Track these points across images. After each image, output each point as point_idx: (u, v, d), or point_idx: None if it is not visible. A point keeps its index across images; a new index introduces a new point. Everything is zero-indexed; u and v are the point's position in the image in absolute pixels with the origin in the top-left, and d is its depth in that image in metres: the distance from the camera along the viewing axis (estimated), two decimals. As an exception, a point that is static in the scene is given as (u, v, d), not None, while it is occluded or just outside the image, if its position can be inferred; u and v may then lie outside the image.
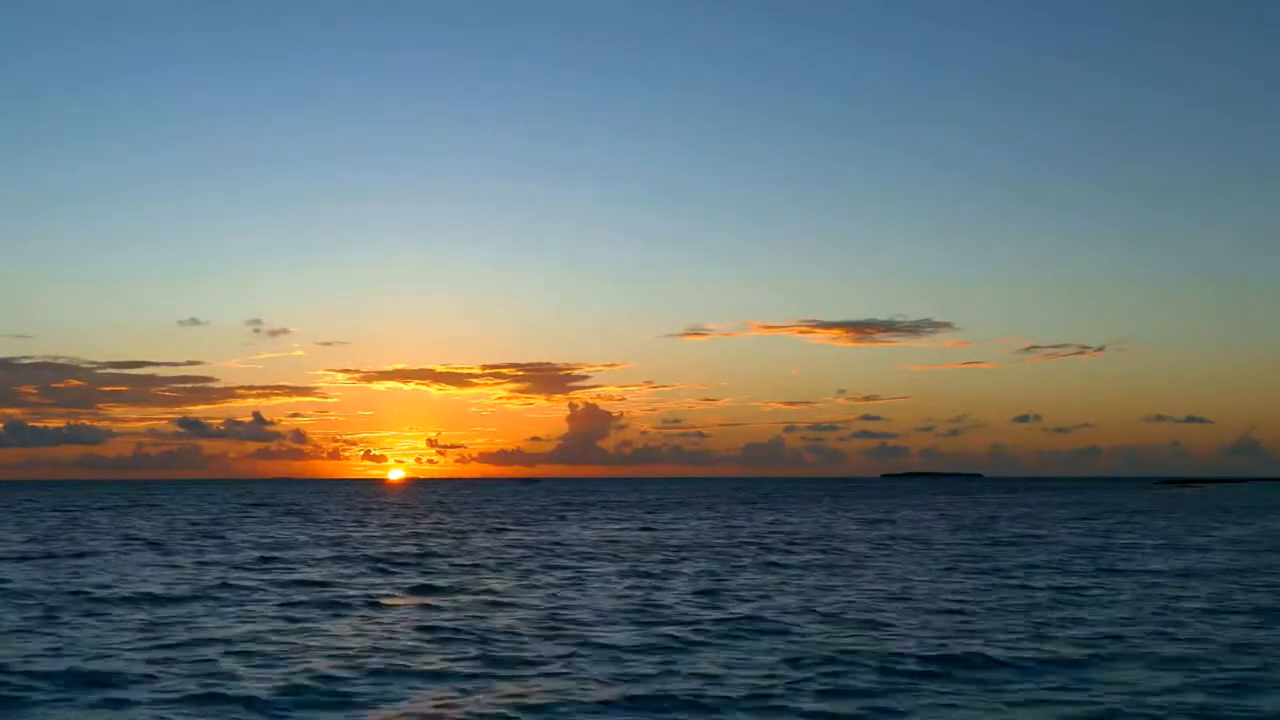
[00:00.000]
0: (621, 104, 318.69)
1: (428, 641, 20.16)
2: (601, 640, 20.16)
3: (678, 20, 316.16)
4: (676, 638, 20.42)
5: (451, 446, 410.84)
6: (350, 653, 18.90)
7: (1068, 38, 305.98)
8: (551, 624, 22.26)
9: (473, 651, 19.04)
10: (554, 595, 27.39)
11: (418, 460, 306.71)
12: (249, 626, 22.06)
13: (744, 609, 24.53)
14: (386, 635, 20.93)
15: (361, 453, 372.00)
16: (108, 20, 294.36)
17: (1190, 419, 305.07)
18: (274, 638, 20.65)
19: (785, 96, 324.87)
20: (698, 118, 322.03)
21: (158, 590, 28.21)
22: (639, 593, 27.92)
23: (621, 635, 20.78)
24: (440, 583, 30.34)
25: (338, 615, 23.75)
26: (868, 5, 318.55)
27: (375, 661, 18.10)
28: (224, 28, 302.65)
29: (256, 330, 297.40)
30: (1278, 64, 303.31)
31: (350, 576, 32.32)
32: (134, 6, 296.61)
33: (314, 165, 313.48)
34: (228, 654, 18.87)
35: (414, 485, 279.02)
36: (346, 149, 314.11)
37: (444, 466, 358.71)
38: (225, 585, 29.56)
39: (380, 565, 36.06)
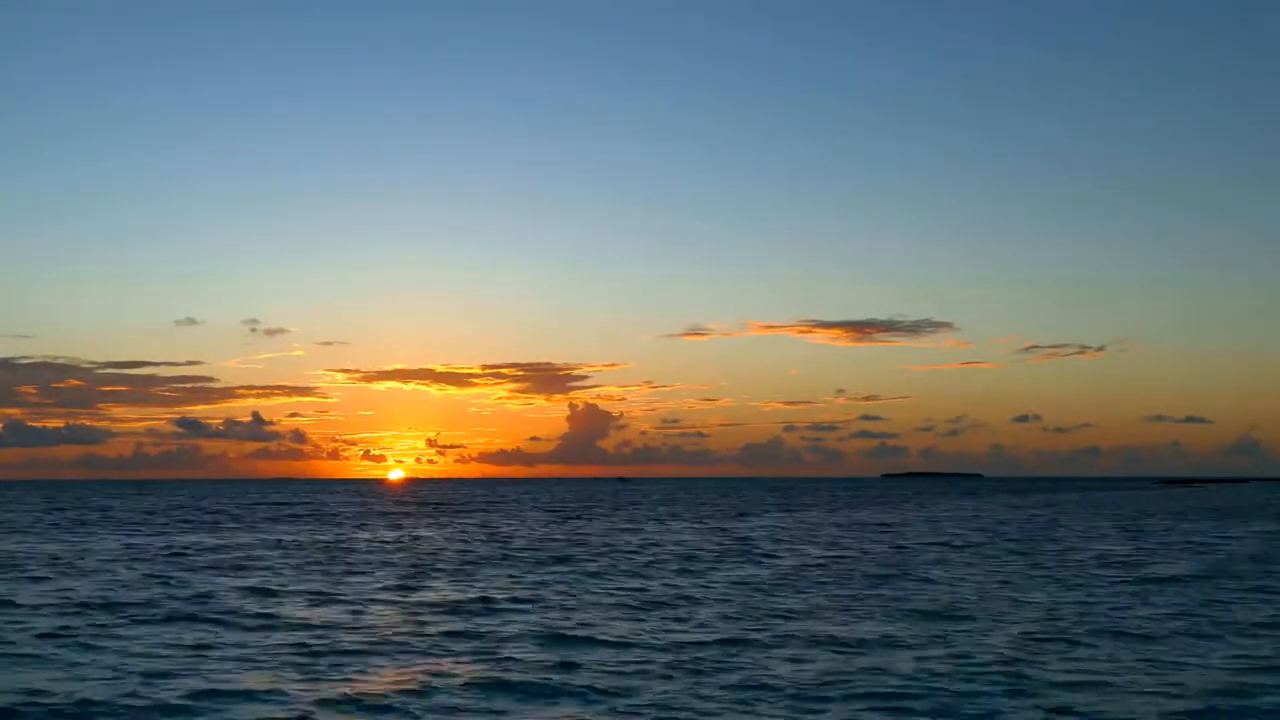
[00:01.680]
0: (621, 104, 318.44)
1: None
2: None
3: (678, 20, 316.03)
4: None
5: (451, 446, 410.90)
6: None
7: (1068, 38, 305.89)
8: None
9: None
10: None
11: (417, 460, 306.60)
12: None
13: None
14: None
15: (361, 453, 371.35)
16: (106, 21, 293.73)
17: (1190, 419, 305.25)
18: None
19: (785, 96, 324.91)
20: (698, 118, 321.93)
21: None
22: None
23: None
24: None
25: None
26: (868, 5, 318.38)
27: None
28: (221, 28, 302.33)
29: (253, 330, 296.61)
30: (1278, 64, 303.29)
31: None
32: (133, 8, 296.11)
33: (313, 165, 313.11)
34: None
35: (419, 485, 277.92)
36: (346, 149, 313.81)
37: (443, 466, 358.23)
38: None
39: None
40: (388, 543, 47.72)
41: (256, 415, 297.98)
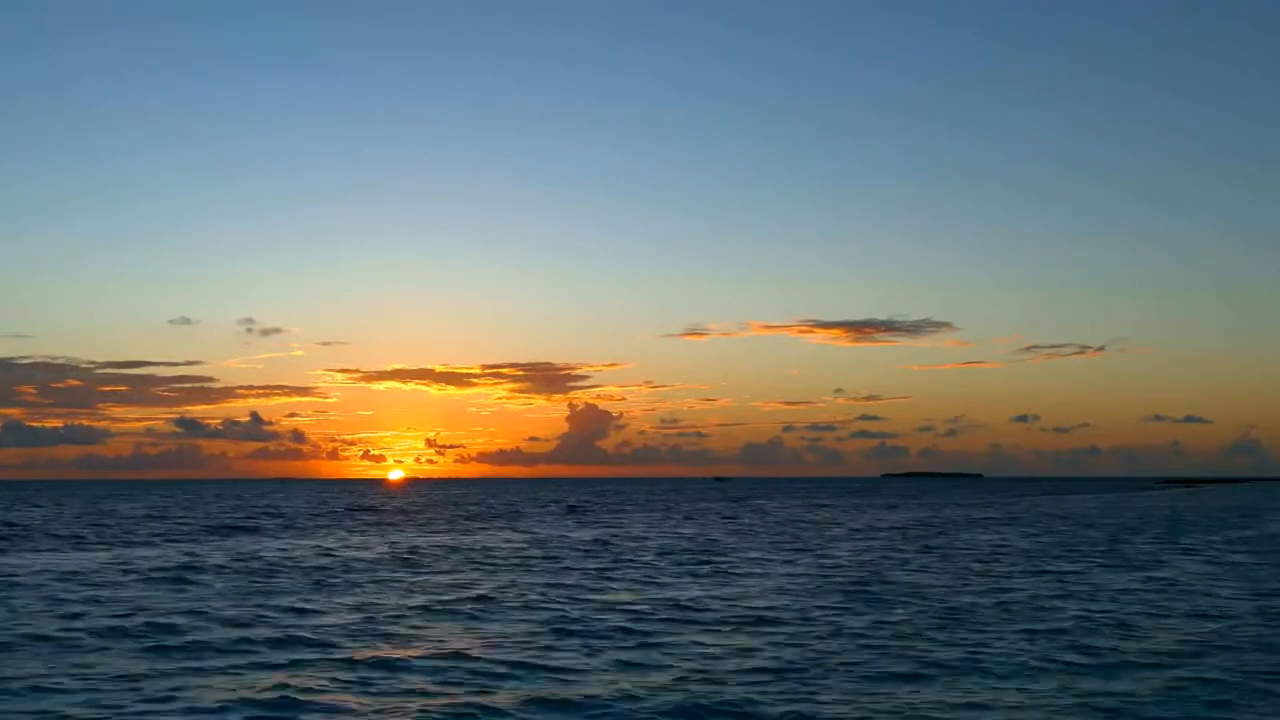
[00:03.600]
0: (622, 104, 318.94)
1: None
2: None
3: (678, 20, 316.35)
4: None
5: (450, 446, 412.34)
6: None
7: (1066, 37, 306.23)
8: None
9: None
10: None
11: (416, 460, 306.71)
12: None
13: None
14: None
15: (360, 453, 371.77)
16: (102, 24, 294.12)
17: (1189, 419, 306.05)
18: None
19: (785, 97, 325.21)
20: (698, 118, 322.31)
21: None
22: None
23: None
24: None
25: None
26: (868, 6, 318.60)
27: None
28: (217, 30, 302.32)
29: (249, 329, 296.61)
30: (1278, 64, 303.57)
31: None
32: (130, 8, 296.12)
33: (312, 165, 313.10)
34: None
35: (421, 485, 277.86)
36: (345, 149, 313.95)
37: (443, 466, 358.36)
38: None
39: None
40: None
41: (255, 415, 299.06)
